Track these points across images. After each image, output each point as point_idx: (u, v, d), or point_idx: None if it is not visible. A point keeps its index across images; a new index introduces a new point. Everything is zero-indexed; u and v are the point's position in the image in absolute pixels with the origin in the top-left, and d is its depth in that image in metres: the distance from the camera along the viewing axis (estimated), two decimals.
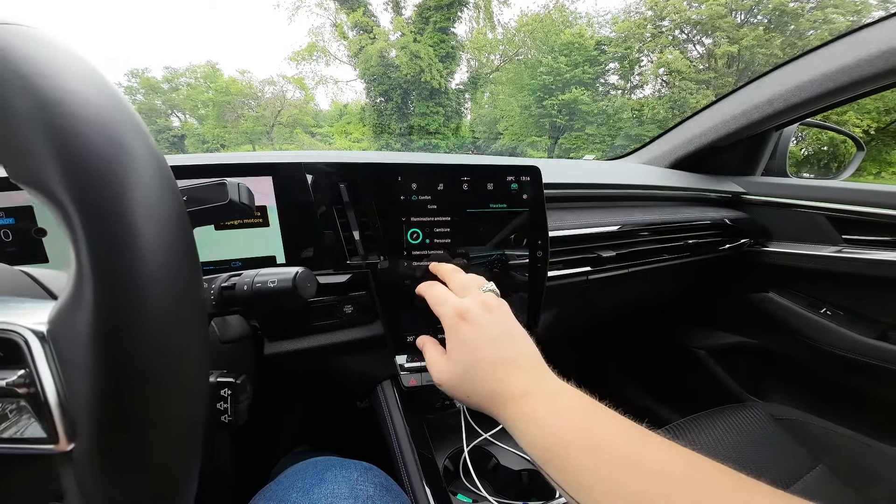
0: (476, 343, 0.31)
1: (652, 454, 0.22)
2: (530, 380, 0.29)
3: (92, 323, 0.14)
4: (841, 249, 0.81)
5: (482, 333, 0.32)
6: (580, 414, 0.26)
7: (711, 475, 0.21)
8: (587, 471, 0.23)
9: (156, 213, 0.15)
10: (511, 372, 0.30)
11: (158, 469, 0.16)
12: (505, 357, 0.31)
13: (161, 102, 20.68)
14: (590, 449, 0.23)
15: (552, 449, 0.25)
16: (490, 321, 0.32)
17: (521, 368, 0.30)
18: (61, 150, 0.14)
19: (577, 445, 0.24)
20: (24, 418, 0.15)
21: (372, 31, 15.52)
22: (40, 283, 0.22)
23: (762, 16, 14.52)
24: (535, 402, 0.27)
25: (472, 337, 0.32)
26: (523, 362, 0.31)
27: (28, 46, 0.15)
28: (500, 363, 0.30)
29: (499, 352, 0.31)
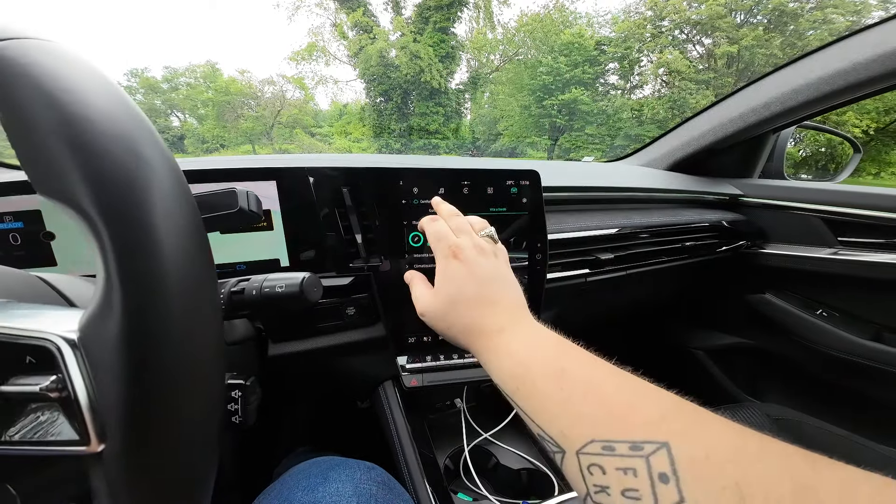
0: (463, 280, 0.32)
1: (609, 381, 0.23)
2: (509, 318, 0.31)
3: (121, 329, 0.15)
4: (836, 251, 0.81)
5: (470, 272, 0.32)
6: (550, 346, 0.27)
7: (666, 400, 0.22)
8: (550, 396, 0.24)
9: (175, 222, 0.16)
10: (492, 310, 0.31)
11: (182, 467, 0.17)
12: (488, 296, 0.32)
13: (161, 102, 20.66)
14: (554, 375, 0.24)
15: (520, 377, 0.26)
16: (480, 262, 0.33)
17: (503, 308, 0.31)
18: (87, 164, 0.15)
19: (543, 372, 0.25)
20: (58, 421, 0.16)
21: (372, 31, 15.51)
22: (57, 289, 0.22)
23: (762, 16, 14.53)
24: (509, 337, 0.29)
25: (460, 274, 0.33)
26: (506, 303, 0.32)
27: (50, 62, 0.16)
28: (483, 301, 0.31)
29: (483, 291, 0.32)
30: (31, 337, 0.15)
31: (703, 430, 0.19)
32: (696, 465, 0.17)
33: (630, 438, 0.19)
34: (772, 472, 0.16)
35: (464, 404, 0.63)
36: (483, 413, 0.66)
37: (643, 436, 0.19)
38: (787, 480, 0.16)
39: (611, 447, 0.20)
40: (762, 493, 0.16)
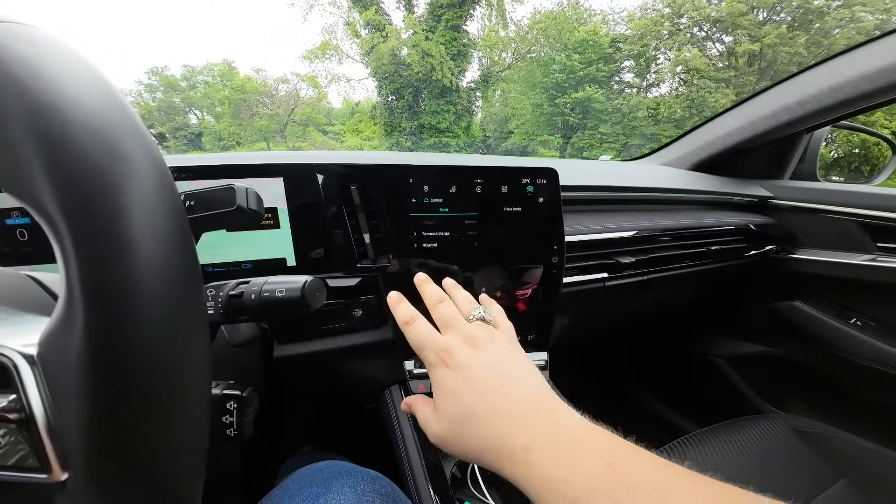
0: (463, 393, 0.27)
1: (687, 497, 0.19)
2: (533, 428, 0.25)
3: (82, 349, 0.13)
4: (875, 258, 0.77)
5: (468, 381, 0.27)
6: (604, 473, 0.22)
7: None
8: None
9: (154, 229, 0.14)
10: (507, 426, 0.25)
11: (158, 496, 0.15)
12: (497, 408, 0.26)
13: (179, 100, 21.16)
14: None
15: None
16: (478, 363, 0.28)
17: (519, 418, 0.26)
18: (53, 159, 0.13)
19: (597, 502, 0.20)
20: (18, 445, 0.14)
21: (384, 30, 15.58)
22: (48, 288, 0.21)
23: (785, 13, 14.04)
24: (537, 455, 0.23)
25: (457, 387, 0.27)
26: (521, 407, 0.26)
27: (23, 47, 0.14)
28: (493, 416, 0.26)
29: (489, 403, 0.26)
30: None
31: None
32: None
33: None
34: None
35: None
36: None
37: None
38: None
39: None
40: None
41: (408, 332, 0.32)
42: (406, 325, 0.32)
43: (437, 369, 0.29)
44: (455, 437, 0.27)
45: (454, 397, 0.27)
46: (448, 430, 0.28)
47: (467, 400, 0.27)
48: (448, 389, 0.28)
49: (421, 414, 0.31)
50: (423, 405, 0.31)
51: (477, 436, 0.26)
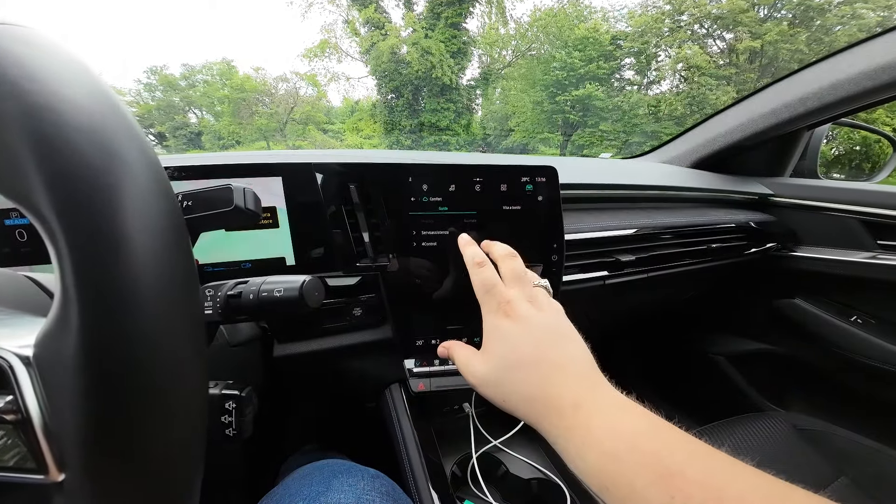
0: (518, 340, 0.28)
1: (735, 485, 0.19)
2: (582, 388, 0.25)
3: (78, 348, 0.13)
4: (875, 255, 0.77)
5: (526, 331, 0.28)
6: (644, 435, 0.22)
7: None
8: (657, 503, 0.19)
9: (150, 229, 0.14)
10: (558, 377, 0.26)
11: (156, 494, 0.15)
12: (551, 359, 0.27)
13: (179, 99, 21.12)
14: (658, 477, 0.20)
15: (611, 476, 0.21)
16: (538, 318, 0.29)
17: (571, 374, 0.26)
18: (46, 159, 0.13)
19: (643, 473, 0.20)
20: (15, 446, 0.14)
21: (383, 28, 15.53)
22: (46, 289, 0.21)
23: (786, 10, 13.97)
24: (588, 417, 0.23)
25: (514, 334, 0.28)
26: (573, 367, 0.27)
27: (17, 48, 0.14)
28: (546, 365, 0.26)
29: (544, 353, 0.27)
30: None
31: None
32: None
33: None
34: None
35: (472, 409, 0.61)
36: (492, 419, 0.64)
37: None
38: None
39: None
40: None
41: (476, 273, 0.33)
42: (476, 266, 0.33)
43: (496, 316, 0.29)
44: (501, 381, 0.28)
45: (509, 343, 0.28)
46: (494, 373, 0.28)
47: (523, 348, 0.27)
48: (503, 336, 0.28)
49: (462, 356, 0.31)
50: (461, 348, 0.32)
51: (521, 381, 0.26)
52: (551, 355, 0.27)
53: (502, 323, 0.29)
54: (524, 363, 0.27)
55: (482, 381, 0.29)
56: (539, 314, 0.29)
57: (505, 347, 0.28)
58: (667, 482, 0.19)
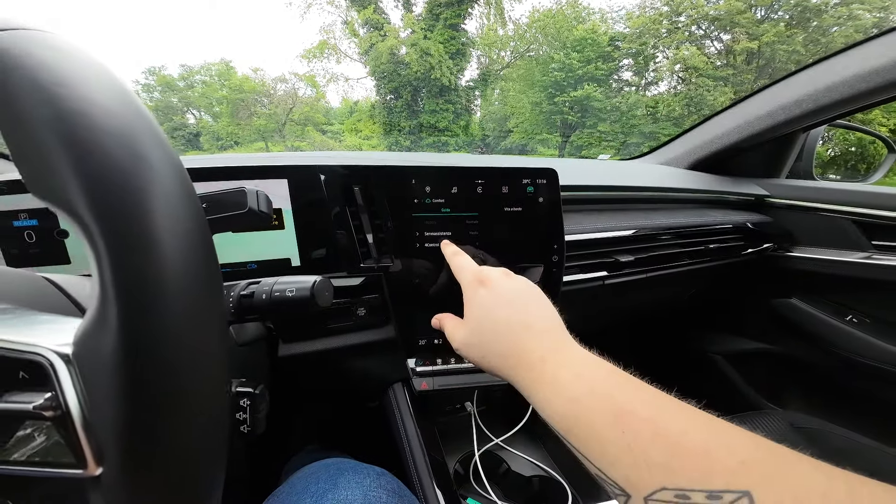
0: (492, 303, 0.31)
1: (678, 421, 0.21)
2: (549, 343, 0.28)
3: (116, 345, 0.13)
4: (870, 255, 0.77)
5: (499, 295, 0.31)
6: (603, 380, 0.24)
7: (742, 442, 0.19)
8: (612, 441, 0.21)
9: (178, 228, 0.15)
10: (528, 334, 0.29)
11: (186, 488, 0.16)
12: (521, 318, 0.30)
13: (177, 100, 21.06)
14: (613, 415, 0.22)
15: (574, 417, 0.23)
16: (509, 284, 0.32)
17: (540, 331, 0.29)
18: (81, 162, 0.13)
19: (599, 412, 0.22)
20: (54, 442, 0.15)
21: (382, 29, 15.53)
22: (65, 291, 0.22)
23: (783, 11, 14.03)
24: (554, 368, 0.26)
25: (488, 298, 0.31)
26: (541, 324, 0.30)
27: (47, 54, 0.14)
28: (517, 324, 0.29)
29: (515, 312, 0.30)
30: (22, 351, 0.14)
31: (788, 475, 0.17)
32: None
33: (707, 487, 0.18)
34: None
35: (474, 408, 0.61)
36: (494, 417, 0.65)
37: (722, 484, 0.17)
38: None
39: (685, 496, 0.18)
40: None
41: (453, 260, 0.38)
42: (453, 255, 0.39)
43: (473, 287, 0.33)
44: (478, 343, 0.31)
45: (485, 309, 0.31)
46: (472, 336, 0.32)
47: (496, 312, 0.30)
48: (479, 303, 0.32)
49: (449, 325, 0.36)
50: (451, 318, 0.36)
51: (495, 341, 0.30)
52: (522, 316, 0.30)
53: (478, 291, 0.32)
54: (498, 323, 0.30)
55: (463, 343, 0.33)
56: (510, 280, 0.33)
57: (481, 311, 0.31)
58: (620, 420, 0.21)
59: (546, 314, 0.31)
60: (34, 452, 0.15)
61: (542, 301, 0.32)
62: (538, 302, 0.32)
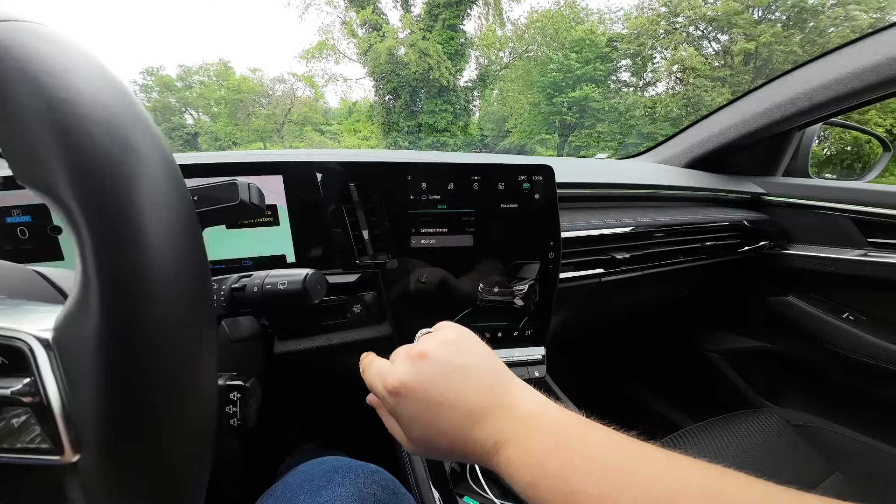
0: (419, 416, 0.27)
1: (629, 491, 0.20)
2: (497, 424, 0.25)
3: (97, 330, 0.13)
4: (866, 253, 0.78)
5: (421, 400, 0.27)
6: (552, 455, 0.23)
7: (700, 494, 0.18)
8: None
9: (164, 217, 0.15)
10: (472, 428, 0.26)
11: (167, 479, 0.15)
12: (456, 418, 0.26)
13: (175, 100, 21.01)
14: (565, 499, 0.21)
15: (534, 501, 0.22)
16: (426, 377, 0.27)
17: (483, 413, 0.26)
18: (68, 151, 0.13)
19: (554, 497, 0.21)
20: (31, 428, 0.14)
21: (381, 29, 15.54)
22: (53, 283, 0.22)
23: (780, 12, 14.10)
24: (507, 451, 0.24)
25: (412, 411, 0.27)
26: (482, 404, 0.26)
27: (36, 44, 0.15)
28: (455, 428, 0.26)
29: (447, 413, 0.26)
30: (1, 335, 0.14)
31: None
32: None
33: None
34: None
35: None
36: None
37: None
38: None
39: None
40: None
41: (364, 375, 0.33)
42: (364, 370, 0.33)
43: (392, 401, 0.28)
44: (429, 452, 0.28)
45: (414, 422, 0.27)
46: (420, 449, 0.29)
47: (426, 421, 0.27)
48: (405, 416, 0.28)
49: (396, 435, 0.31)
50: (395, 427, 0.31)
51: (447, 448, 0.27)
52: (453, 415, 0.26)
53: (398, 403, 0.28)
54: (437, 436, 0.27)
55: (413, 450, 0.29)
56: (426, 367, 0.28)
57: (415, 427, 0.28)
58: (570, 501, 0.20)
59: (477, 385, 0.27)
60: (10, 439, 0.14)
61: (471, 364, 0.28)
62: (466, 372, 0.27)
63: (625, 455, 0.21)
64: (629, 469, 0.21)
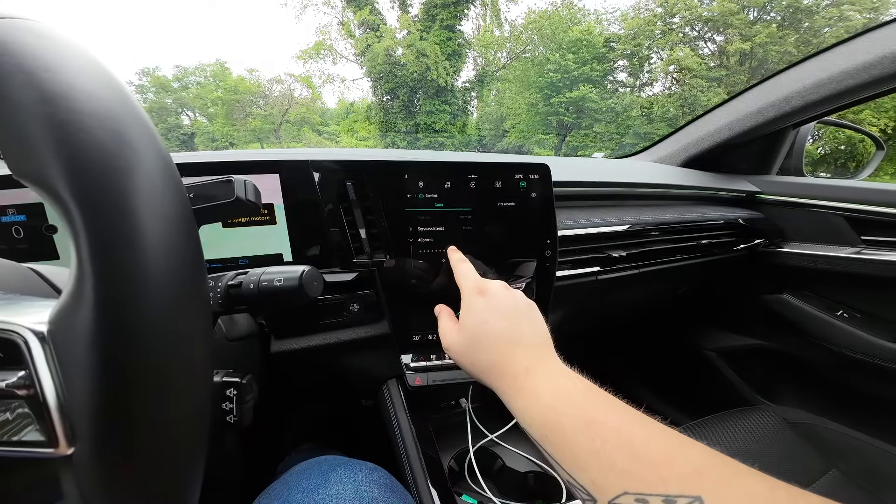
0: (487, 314, 0.33)
1: (642, 432, 0.23)
2: (534, 358, 0.30)
3: (92, 323, 0.13)
4: (860, 251, 0.78)
5: (495, 307, 0.33)
6: (578, 393, 0.26)
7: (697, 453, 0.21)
8: (582, 447, 0.23)
9: (159, 210, 0.15)
10: (516, 347, 0.31)
11: (161, 472, 0.15)
12: (512, 332, 0.31)
13: (171, 101, 20.92)
14: (584, 424, 0.24)
15: (549, 425, 0.25)
16: (506, 298, 0.34)
17: (527, 346, 0.31)
18: (63, 144, 0.14)
19: (573, 422, 0.24)
20: (25, 421, 0.14)
21: (379, 30, 15.53)
22: (48, 279, 0.22)
23: (776, 13, 14.20)
24: (535, 380, 0.28)
25: (484, 308, 0.33)
26: (530, 340, 0.32)
27: (32, 41, 0.15)
28: (507, 337, 0.31)
29: (507, 326, 0.32)
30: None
31: (736, 484, 0.19)
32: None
33: (664, 492, 0.19)
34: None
35: (469, 404, 0.61)
36: (489, 414, 0.65)
37: (677, 490, 0.19)
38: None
39: (644, 500, 0.20)
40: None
41: (457, 266, 0.39)
42: (458, 262, 0.40)
43: (472, 295, 0.34)
44: (468, 349, 0.33)
45: (478, 316, 0.33)
46: (464, 342, 0.33)
47: (491, 323, 0.32)
48: (475, 309, 0.33)
49: (444, 322, 0.37)
50: (447, 317, 0.38)
51: (485, 349, 0.31)
52: (513, 331, 0.32)
53: (477, 300, 0.34)
54: (490, 334, 0.32)
55: (453, 345, 0.34)
56: (508, 294, 0.35)
57: (476, 320, 0.33)
58: (590, 427, 0.23)
59: (536, 330, 0.33)
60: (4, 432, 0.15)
61: (535, 318, 0.34)
62: (531, 318, 0.34)
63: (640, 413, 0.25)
64: (646, 419, 0.24)
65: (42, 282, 0.21)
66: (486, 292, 0.34)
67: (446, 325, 0.36)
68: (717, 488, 0.19)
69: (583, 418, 0.24)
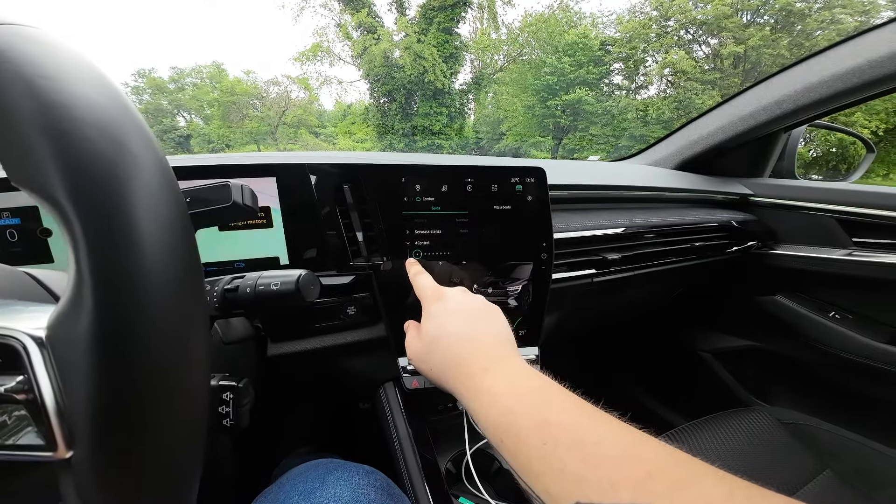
0: (444, 318, 0.33)
1: (595, 431, 0.21)
2: (492, 358, 0.29)
3: (90, 328, 0.14)
4: (851, 252, 0.79)
5: (451, 311, 0.33)
6: (534, 393, 0.25)
7: (653, 453, 0.20)
8: (535, 450, 0.22)
9: (157, 216, 0.15)
10: (473, 346, 0.30)
11: (158, 475, 0.16)
12: (469, 332, 0.31)
13: (167, 102, 20.81)
14: (537, 426, 0.22)
15: (507, 428, 0.24)
16: (462, 301, 0.34)
17: (485, 346, 0.30)
18: (62, 152, 0.14)
19: (527, 424, 0.23)
20: (24, 425, 0.15)
21: (376, 32, 15.56)
22: (43, 284, 0.22)
23: (769, 16, 14.39)
24: (492, 380, 0.27)
25: (440, 313, 0.33)
26: (488, 340, 0.31)
27: (31, 48, 0.15)
28: (464, 337, 0.31)
29: (464, 327, 0.32)
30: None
31: (691, 487, 0.18)
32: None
33: (614, 501, 0.18)
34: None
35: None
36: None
37: (628, 497, 0.18)
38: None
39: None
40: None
41: (415, 279, 0.40)
42: (415, 275, 0.40)
43: (431, 303, 0.35)
44: (427, 353, 0.33)
45: (436, 319, 0.33)
46: (423, 346, 0.33)
47: (447, 325, 0.32)
48: (433, 316, 0.34)
49: (408, 335, 0.37)
50: (413, 329, 0.37)
51: (443, 352, 0.31)
52: (470, 330, 0.31)
53: (434, 306, 0.34)
54: (448, 336, 0.32)
55: (414, 354, 0.34)
56: (465, 297, 0.35)
57: (434, 324, 0.33)
58: (542, 429, 0.22)
59: (496, 331, 0.32)
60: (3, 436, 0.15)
61: (495, 319, 0.34)
62: (489, 319, 0.33)
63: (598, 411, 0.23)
64: (602, 416, 0.23)
65: (37, 286, 0.21)
66: (443, 298, 0.34)
67: (410, 336, 0.36)
68: (671, 493, 0.17)
69: (536, 419, 0.23)
